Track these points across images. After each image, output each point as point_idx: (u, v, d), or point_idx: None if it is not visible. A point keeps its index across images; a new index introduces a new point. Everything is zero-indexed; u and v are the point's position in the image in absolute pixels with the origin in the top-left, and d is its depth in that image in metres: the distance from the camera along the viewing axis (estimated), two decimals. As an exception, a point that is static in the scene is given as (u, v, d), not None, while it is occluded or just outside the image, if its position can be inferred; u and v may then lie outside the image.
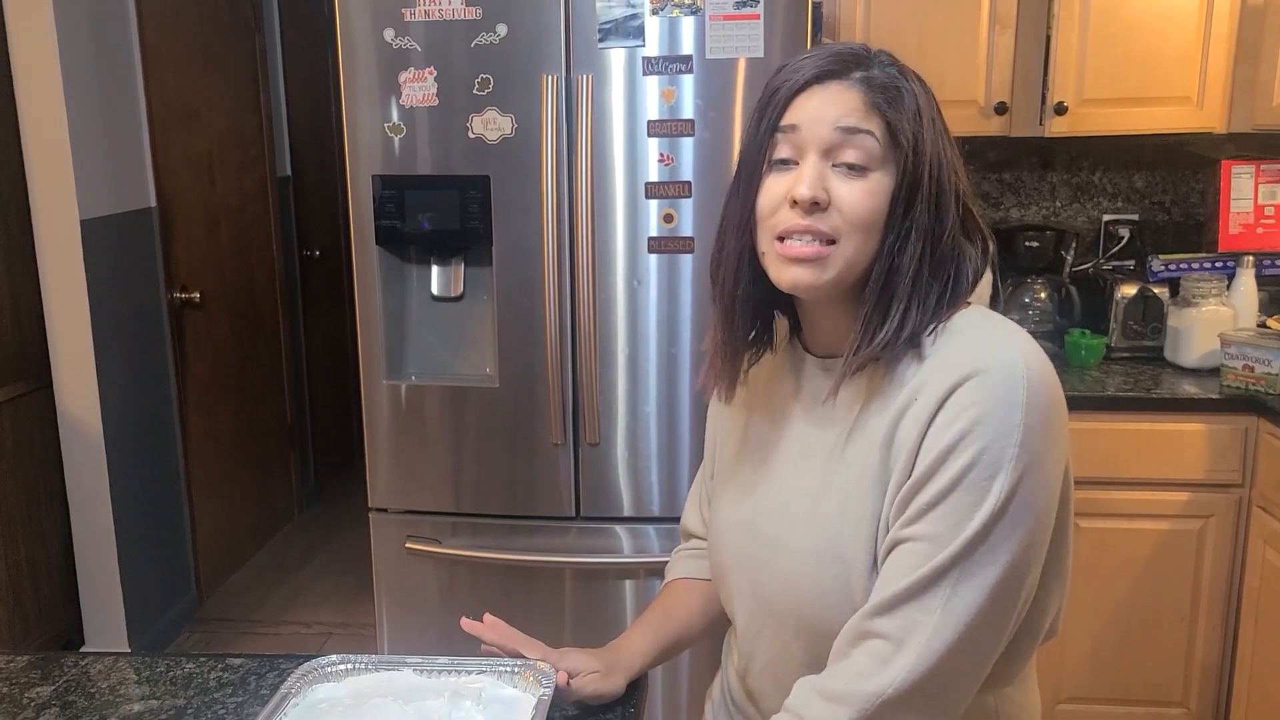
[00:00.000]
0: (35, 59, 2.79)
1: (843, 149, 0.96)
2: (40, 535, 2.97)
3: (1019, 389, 0.90)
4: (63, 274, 2.91)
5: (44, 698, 1.21)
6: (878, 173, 0.97)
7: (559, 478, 2.27)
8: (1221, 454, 2.31)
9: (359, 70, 2.18)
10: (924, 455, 0.92)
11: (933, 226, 0.97)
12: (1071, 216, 2.93)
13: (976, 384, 0.91)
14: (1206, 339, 2.46)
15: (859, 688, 0.91)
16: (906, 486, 0.93)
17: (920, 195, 0.96)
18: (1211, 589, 2.38)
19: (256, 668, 1.26)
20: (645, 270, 2.19)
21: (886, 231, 0.97)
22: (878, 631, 0.92)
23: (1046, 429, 0.91)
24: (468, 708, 1.06)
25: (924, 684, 0.90)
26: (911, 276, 0.97)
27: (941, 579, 0.90)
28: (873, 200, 0.96)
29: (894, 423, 0.96)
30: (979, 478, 0.89)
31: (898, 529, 0.93)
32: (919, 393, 0.95)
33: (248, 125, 3.85)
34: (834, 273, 0.98)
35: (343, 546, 3.97)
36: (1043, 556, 0.94)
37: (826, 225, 0.97)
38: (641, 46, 2.10)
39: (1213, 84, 2.46)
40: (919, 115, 0.97)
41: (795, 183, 0.97)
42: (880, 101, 0.96)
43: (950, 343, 0.96)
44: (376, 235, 2.23)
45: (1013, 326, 0.98)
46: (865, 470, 0.97)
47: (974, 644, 0.91)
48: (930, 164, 0.97)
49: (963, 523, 0.89)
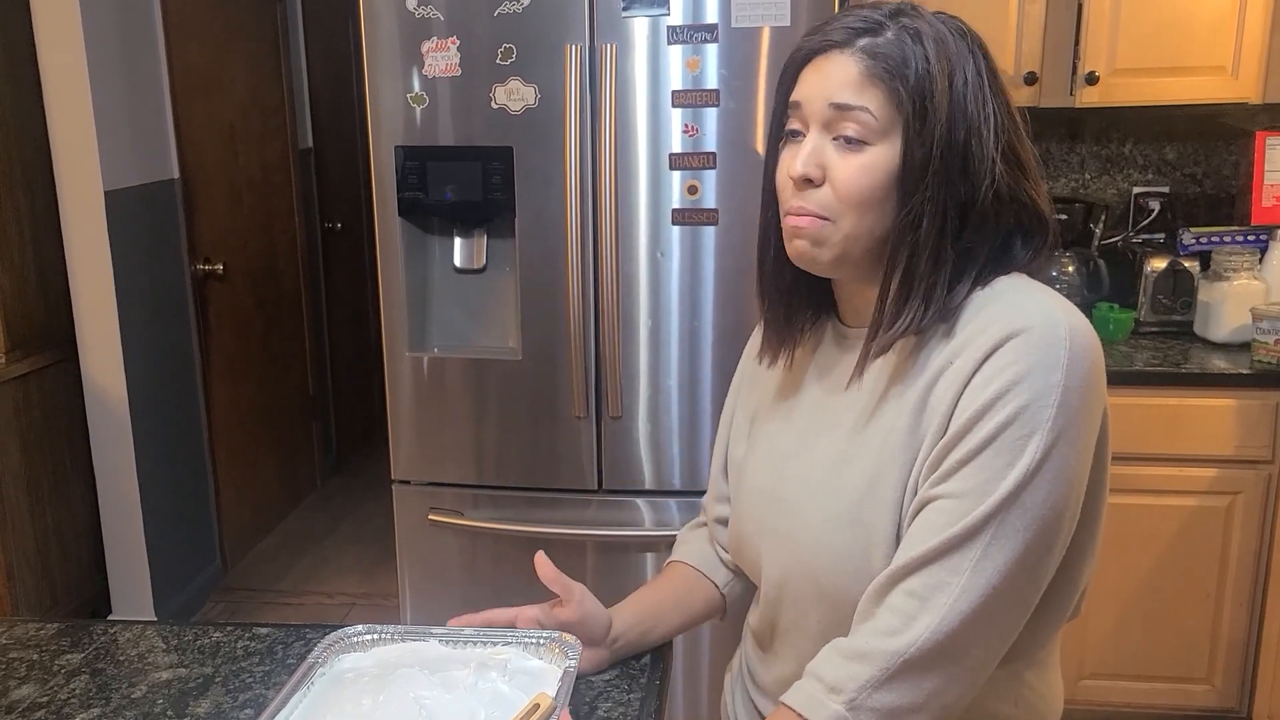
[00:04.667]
0: (59, 30, 2.79)
1: (840, 123, 0.95)
2: (67, 505, 3.00)
3: (1060, 350, 0.88)
4: (87, 246, 2.92)
5: (74, 665, 1.22)
6: (878, 146, 0.94)
7: (580, 450, 2.27)
8: (1251, 430, 2.29)
9: (381, 40, 2.16)
10: (959, 414, 0.91)
11: (957, 197, 0.93)
12: (1101, 189, 2.89)
13: (1017, 344, 0.89)
14: (1237, 313, 2.43)
15: (881, 645, 0.90)
16: (940, 445, 0.92)
17: (932, 166, 0.93)
18: (1239, 566, 2.36)
19: (283, 637, 1.26)
20: (668, 242, 2.17)
21: (899, 205, 0.94)
22: (904, 589, 0.91)
23: (1085, 393, 0.89)
24: (493, 679, 1.06)
25: (947, 644, 0.89)
26: (933, 253, 0.94)
27: (972, 539, 0.89)
28: (867, 176, 0.94)
29: (928, 386, 0.94)
30: (1014, 437, 0.88)
31: (928, 488, 0.92)
32: (956, 355, 0.93)
33: (269, 96, 3.85)
34: (833, 250, 0.97)
35: (365, 518, 4.00)
36: (1074, 523, 0.93)
37: (816, 203, 0.96)
38: (666, 15, 2.07)
39: (1248, 53, 2.40)
40: (929, 81, 0.93)
41: (794, 158, 0.97)
42: (880, 70, 0.93)
43: (990, 305, 0.94)
44: (399, 207, 2.22)
45: (1054, 292, 0.96)
46: (891, 436, 0.96)
47: (1001, 607, 0.90)
48: (944, 132, 0.92)
49: (994, 481, 0.88)
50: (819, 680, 0.94)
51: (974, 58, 0.96)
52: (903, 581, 0.91)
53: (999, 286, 0.96)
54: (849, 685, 0.91)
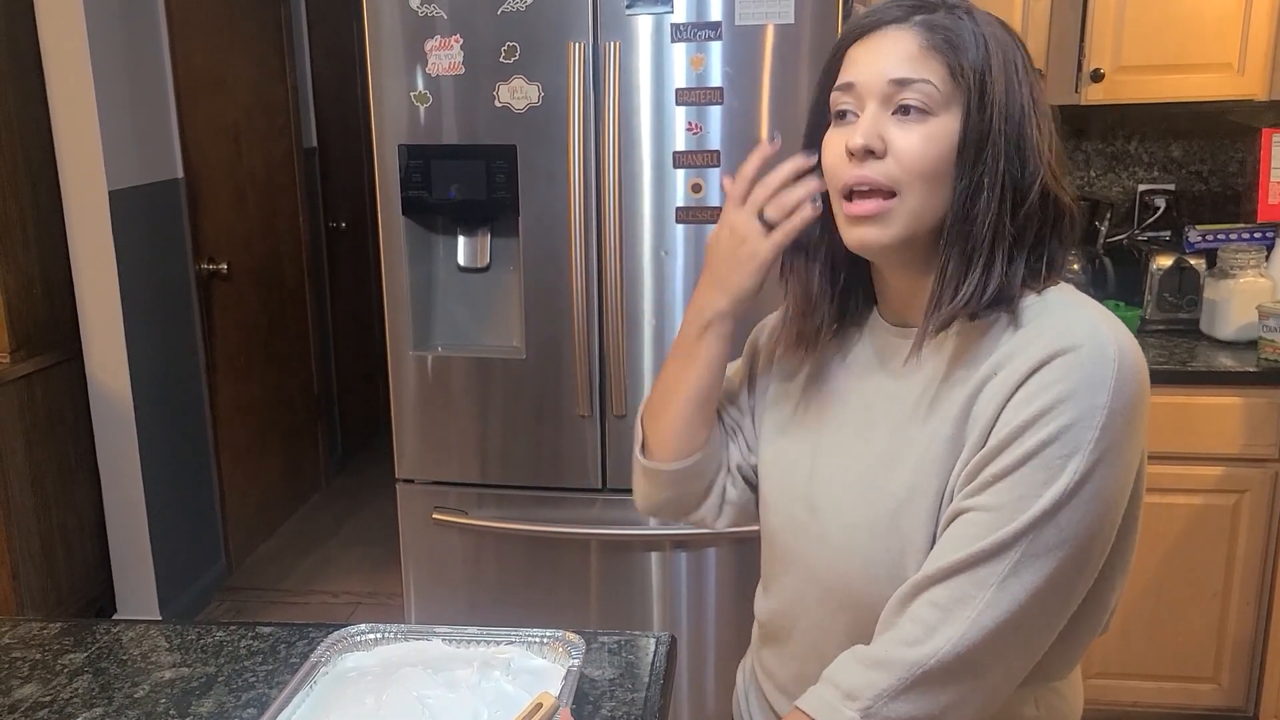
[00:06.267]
0: (63, 30, 2.79)
1: (900, 95, 0.92)
2: (72, 504, 3.01)
3: (1108, 371, 0.87)
4: (92, 245, 2.92)
5: (77, 664, 1.22)
6: (941, 117, 0.92)
7: (585, 449, 2.27)
8: (1258, 428, 2.28)
9: (384, 39, 2.16)
10: (1000, 427, 0.89)
11: (1014, 174, 0.92)
12: (1106, 187, 2.88)
13: (1065, 361, 0.88)
14: (1244, 311, 2.42)
15: (900, 655, 0.89)
16: (978, 457, 0.90)
17: (991, 139, 0.91)
18: (1245, 564, 2.34)
19: (286, 636, 1.26)
20: (672, 241, 2.17)
21: (957, 179, 0.92)
22: (928, 599, 0.89)
23: (1129, 416, 0.87)
24: (497, 678, 1.06)
25: (968, 658, 0.87)
26: (991, 226, 0.92)
27: (1001, 554, 0.87)
28: (933, 146, 0.92)
29: (973, 395, 0.92)
30: (1054, 455, 0.86)
31: (962, 498, 0.91)
32: (1002, 366, 0.91)
33: (273, 95, 3.85)
34: (899, 228, 0.93)
35: (369, 517, 4.00)
36: (1109, 546, 0.91)
37: (882, 174, 0.92)
38: (670, 13, 2.07)
39: (1254, 50, 2.39)
40: (986, 57, 0.92)
41: (852, 134, 0.94)
42: (940, 42, 0.92)
43: (1042, 317, 0.92)
44: (403, 205, 2.22)
45: (1103, 308, 0.94)
46: (934, 442, 0.94)
47: (1026, 626, 0.88)
48: (1002, 108, 0.91)
49: (1030, 498, 0.87)
50: (835, 686, 0.93)
51: (1020, 50, 0.95)
52: (927, 591, 0.90)
53: (1050, 299, 0.94)
54: (865, 693, 0.90)
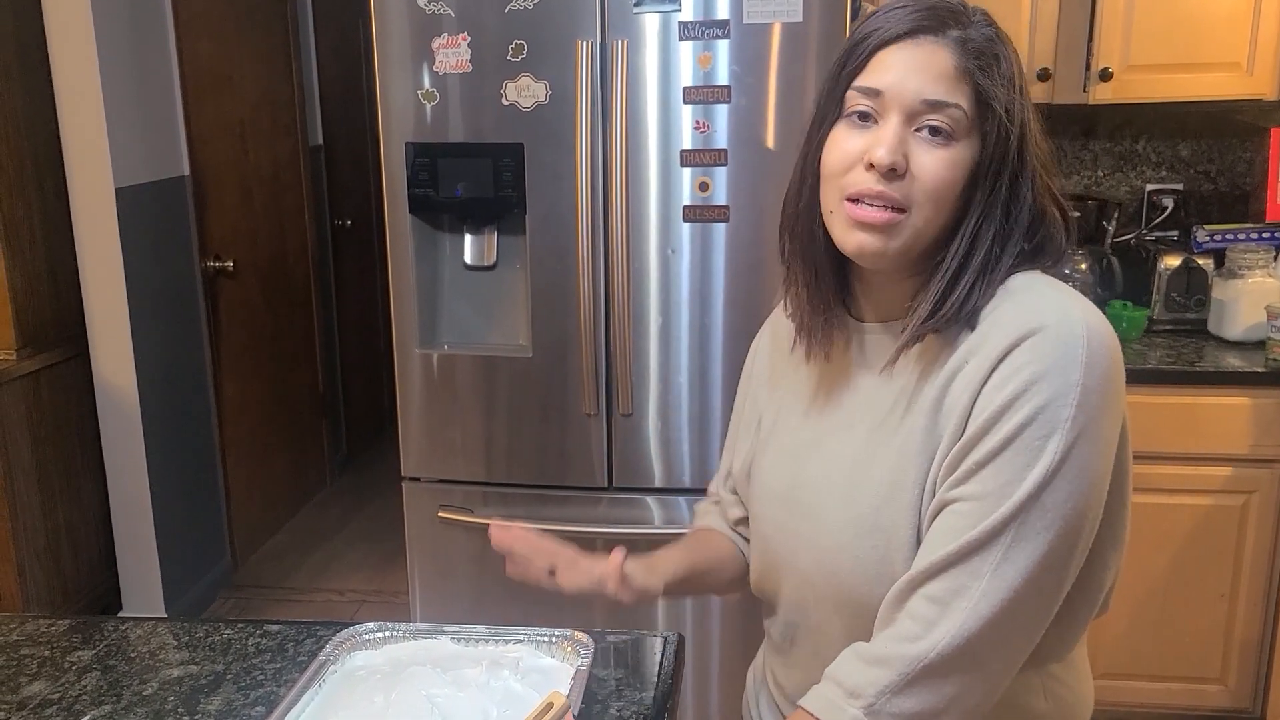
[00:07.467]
0: (70, 28, 2.79)
1: (929, 116, 0.92)
2: (78, 501, 3.01)
3: (1078, 348, 0.87)
4: (98, 242, 2.92)
5: (85, 661, 1.22)
6: (961, 143, 0.93)
7: (591, 448, 2.27)
8: (1266, 429, 2.27)
9: (391, 36, 2.16)
10: (977, 415, 0.90)
11: (1020, 198, 0.94)
12: (1114, 186, 2.87)
13: (1034, 342, 0.88)
14: (1252, 311, 2.41)
15: (901, 651, 0.90)
16: (958, 447, 0.91)
17: (1006, 168, 0.92)
18: (1253, 565, 2.34)
19: (294, 634, 1.26)
20: (679, 239, 2.16)
21: (967, 205, 0.93)
22: (924, 594, 0.90)
23: (1105, 391, 0.88)
24: (505, 677, 1.05)
25: (968, 649, 0.88)
26: (985, 250, 0.93)
27: (992, 542, 0.87)
28: (952, 172, 0.92)
29: (944, 386, 0.93)
30: (1033, 437, 0.87)
31: (946, 490, 0.91)
32: (972, 354, 0.92)
33: (280, 93, 3.85)
34: (901, 242, 0.94)
35: (375, 515, 4.00)
36: (1096, 523, 0.92)
37: (900, 192, 0.92)
38: (677, 11, 2.06)
39: (1263, 50, 2.39)
40: (1013, 84, 0.92)
41: (874, 144, 0.92)
42: (974, 67, 0.91)
43: (1006, 303, 0.93)
44: (409, 204, 2.22)
45: (1071, 289, 0.95)
46: (911, 437, 0.95)
47: (1023, 610, 0.89)
48: (1017, 134, 0.92)
49: (1014, 483, 0.87)
50: (838, 684, 0.93)
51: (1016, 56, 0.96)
52: (923, 586, 0.90)
53: (1014, 284, 0.95)
54: (868, 690, 0.90)
